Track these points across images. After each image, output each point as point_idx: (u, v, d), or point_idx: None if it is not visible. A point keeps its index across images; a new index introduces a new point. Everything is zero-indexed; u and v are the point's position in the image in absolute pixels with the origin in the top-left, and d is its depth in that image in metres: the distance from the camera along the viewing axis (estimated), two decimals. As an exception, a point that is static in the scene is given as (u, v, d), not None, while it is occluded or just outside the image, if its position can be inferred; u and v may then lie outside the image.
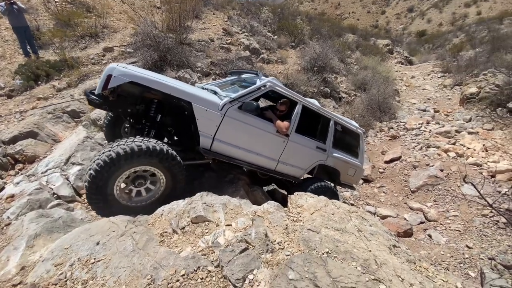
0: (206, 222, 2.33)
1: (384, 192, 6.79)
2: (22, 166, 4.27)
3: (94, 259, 1.92)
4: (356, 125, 4.83)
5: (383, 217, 5.67)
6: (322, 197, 2.81)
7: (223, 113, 3.03)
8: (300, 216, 2.45)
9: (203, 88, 3.71)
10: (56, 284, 1.79)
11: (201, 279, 1.77)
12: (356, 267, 1.80)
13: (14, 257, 2.24)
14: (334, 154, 4.20)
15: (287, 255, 1.96)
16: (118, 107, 2.97)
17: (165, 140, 3.47)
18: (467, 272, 4.15)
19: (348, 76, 13.09)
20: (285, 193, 4.69)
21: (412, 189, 6.52)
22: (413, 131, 9.57)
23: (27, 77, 6.30)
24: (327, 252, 1.93)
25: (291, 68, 10.49)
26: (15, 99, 6.08)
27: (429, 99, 12.82)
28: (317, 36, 15.39)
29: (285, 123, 3.54)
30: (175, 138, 3.57)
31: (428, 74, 16.33)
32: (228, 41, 9.98)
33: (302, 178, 4.10)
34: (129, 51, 7.45)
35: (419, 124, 9.93)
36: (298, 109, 3.68)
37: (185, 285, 1.72)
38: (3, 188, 3.78)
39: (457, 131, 8.81)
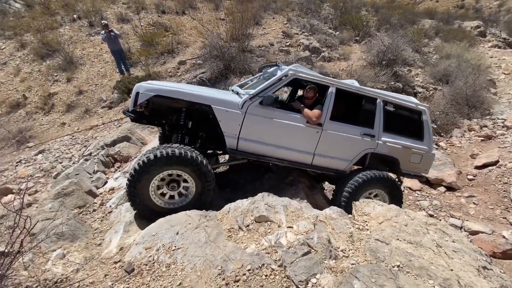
0: (269, 222, 2.43)
1: (474, 203, 5.72)
2: (120, 164, 5.21)
3: (175, 246, 2.23)
4: (416, 101, 4.03)
5: (473, 233, 4.79)
6: (392, 205, 2.59)
7: (243, 111, 3.00)
8: (367, 225, 2.32)
9: (232, 91, 3.73)
10: (146, 265, 2.15)
11: (265, 276, 1.87)
12: (434, 286, 1.61)
13: (115, 239, 2.77)
14: (387, 139, 3.57)
15: (352, 264, 1.89)
16: (154, 119, 3.33)
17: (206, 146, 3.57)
18: None
19: (425, 67, 11.48)
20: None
21: (514, 201, 5.32)
22: (516, 129, 7.78)
23: (122, 91, 7.68)
24: (398, 266, 1.78)
25: (355, 64, 9.84)
26: (114, 109, 7.49)
27: (540, 88, 10.21)
28: (385, 26, 14.01)
29: (315, 111, 3.21)
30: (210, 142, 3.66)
31: (539, 57, 13.01)
32: (287, 43, 10.01)
33: (350, 170, 3.65)
34: (199, 62, 8.27)
35: (525, 120, 8.01)
36: (330, 93, 3.30)
37: (251, 279, 1.85)
38: (106, 182, 4.69)
39: None
